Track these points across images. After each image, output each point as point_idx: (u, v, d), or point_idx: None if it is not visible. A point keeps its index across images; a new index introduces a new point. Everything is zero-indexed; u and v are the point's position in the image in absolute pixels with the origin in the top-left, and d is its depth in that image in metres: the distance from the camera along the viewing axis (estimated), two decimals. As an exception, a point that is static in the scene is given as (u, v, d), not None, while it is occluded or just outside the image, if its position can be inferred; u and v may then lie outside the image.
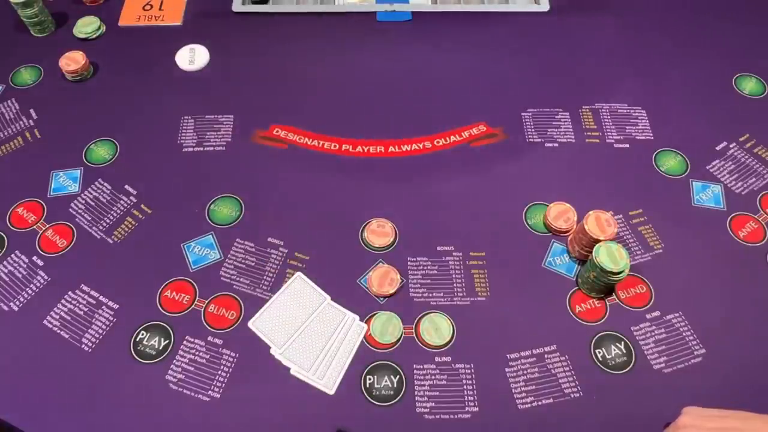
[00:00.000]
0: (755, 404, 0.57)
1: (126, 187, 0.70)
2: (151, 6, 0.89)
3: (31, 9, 0.81)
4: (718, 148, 0.74)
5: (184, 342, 0.59)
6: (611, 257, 0.58)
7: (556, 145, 0.74)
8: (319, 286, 0.63)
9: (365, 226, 0.67)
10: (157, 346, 0.59)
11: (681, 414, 0.51)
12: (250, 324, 0.59)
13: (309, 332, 0.60)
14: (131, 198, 0.69)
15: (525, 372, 0.58)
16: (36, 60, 0.82)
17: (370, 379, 0.58)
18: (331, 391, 0.57)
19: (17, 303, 0.62)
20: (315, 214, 0.68)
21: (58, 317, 0.61)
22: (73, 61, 0.78)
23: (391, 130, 0.76)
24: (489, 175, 0.72)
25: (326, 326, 0.60)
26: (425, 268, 0.64)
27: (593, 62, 0.83)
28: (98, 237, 0.66)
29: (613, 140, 0.75)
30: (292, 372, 0.58)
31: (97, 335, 0.60)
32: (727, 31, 0.86)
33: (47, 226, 0.67)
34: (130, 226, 0.67)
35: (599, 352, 0.59)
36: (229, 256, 0.65)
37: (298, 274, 0.62)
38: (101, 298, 0.62)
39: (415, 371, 0.58)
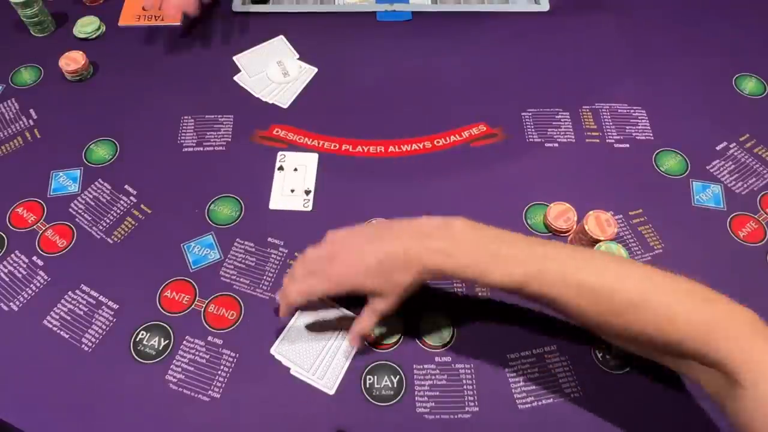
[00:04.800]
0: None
1: (126, 187, 0.70)
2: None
3: (31, 9, 0.81)
4: (718, 148, 0.74)
5: (184, 342, 0.60)
6: (611, 257, 0.58)
7: (556, 145, 0.74)
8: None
9: (365, 226, 0.67)
10: (157, 346, 0.59)
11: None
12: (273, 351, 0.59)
13: (309, 332, 0.60)
14: (131, 198, 0.69)
15: (525, 372, 0.58)
16: (36, 60, 0.82)
17: (370, 379, 0.58)
18: (331, 391, 0.57)
19: (17, 303, 0.62)
20: (315, 214, 0.68)
21: (58, 317, 0.61)
22: (73, 61, 0.78)
23: (391, 130, 0.76)
24: (489, 175, 0.72)
25: (326, 326, 0.60)
26: (425, 268, 0.64)
27: (593, 62, 0.83)
28: (98, 237, 0.66)
29: (613, 140, 0.75)
30: (291, 372, 0.58)
31: (97, 335, 0.60)
32: (727, 31, 0.86)
33: (47, 226, 0.67)
34: (130, 226, 0.67)
35: (599, 352, 0.59)
36: (229, 256, 0.65)
37: None
38: (101, 298, 0.62)
39: (415, 371, 0.58)
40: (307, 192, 0.70)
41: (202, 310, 0.62)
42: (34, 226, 0.67)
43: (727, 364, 0.42)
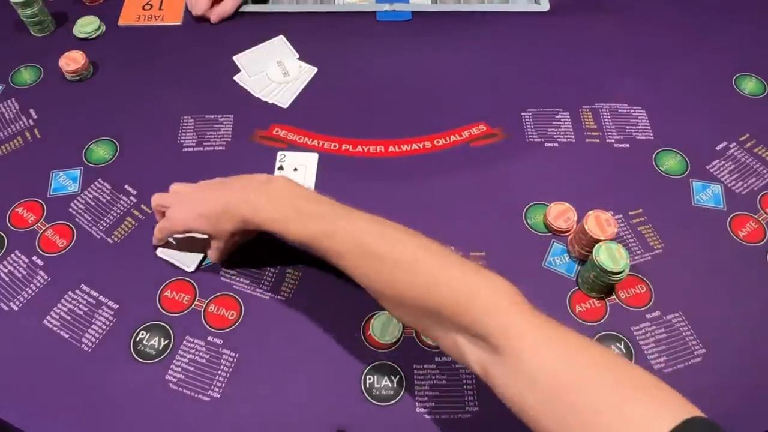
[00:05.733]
0: (756, 404, 0.57)
1: (126, 187, 0.70)
2: (151, 6, 0.89)
3: (31, 9, 0.81)
4: (718, 148, 0.74)
5: (184, 342, 0.60)
6: (611, 257, 0.58)
7: (556, 145, 0.74)
8: (318, 287, 0.63)
9: (365, 226, 0.67)
10: (157, 346, 0.59)
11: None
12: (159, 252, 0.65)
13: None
14: (131, 198, 0.69)
15: (525, 372, 0.58)
16: (36, 60, 0.82)
17: (370, 379, 0.58)
18: (191, 269, 0.63)
19: (17, 303, 0.62)
20: (315, 214, 0.68)
21: (58, 317, 0.61)
22: (72, 61, 0.78)
23: (391, 130, 0.76)
24: (489, 175, 0.72)
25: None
26: (425, 268, 0.64)
27: (593, 62, 0.83)
28: (98, 237, 0.66)
29: (613, 140, 0.75)
30: (157, 253, 0.64)
31: (97, 335, 0.60)
32: (727, 30, 0.86)
33: (47, 225, 0.67)
34: (130, 226, 0.67)
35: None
36: (229, 256, 0.65)
37: None
38: (101, 298, 0.62)
39: (415, 371, 0.58)
40: None
41: (202, 310, 0.62)
42: (34, 226, 0.67)
43: (488, 334, 0.43)
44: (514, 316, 0.43)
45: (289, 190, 0.56)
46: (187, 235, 0.63)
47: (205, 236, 0.62)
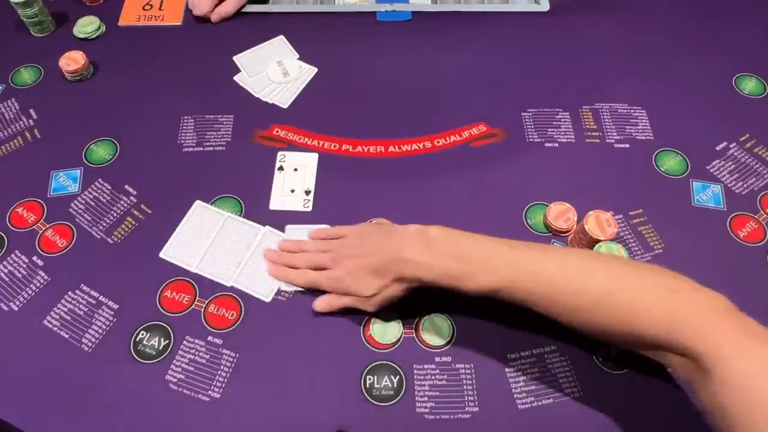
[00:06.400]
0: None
1: (126, 187, 0.70)
2: (151, 6, 0.89)
3: (31, 9, 0.81)
4: (718, 148, 0.74)
5: (184, 342, 0.60)
6: (611, 257, 0.58)
7: (556, 145, 0.74)
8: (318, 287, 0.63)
9: (365, 226, 0.67)
10: (157, 346, 0.59)
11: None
12: (162, 254, 0.65)
13: (221, 247, 0.65)
14: (131, 198, 0.69)
15: (525, 372, 0.58)
16: (36, 60, 0.82)
17: (370, 379, 0.58)
18: (268, 300, 0.62)
19: (17, 303, 0.62)
20: (315, 214, 0.68)
21: (58, 317, 0.61)
22: (73, 61, 0.78)
23: (391, 130, 0.76)
24: (489, 175, 0.72)
25: (240, 239, 0.65)
26: (425, 268, 0.64)
27: (593, 62, 0.83)
28: (98, 237, 0.66)
29: (613, 140, 0.75)
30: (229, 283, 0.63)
31: (97, 335, 0.60)
32: (727, 30, 0.86)
33: (47, 226, 0.67)
34: (130, 226, 0.67)
35: (600, 352, 0.59)
36: (229, 256, 0.65)
37: (197, 202, 0.68)
38: (101, 298, 0.62)
39: (415, 371, 0.58)
40: (307, 192, 0.70)
41: (202, 310, 0.62)
42: (34, 226, 0.67)
43: (692, 351, 0.44)
44: (715, 330, 0.44)
45: (449, 242, 0.54)
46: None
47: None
